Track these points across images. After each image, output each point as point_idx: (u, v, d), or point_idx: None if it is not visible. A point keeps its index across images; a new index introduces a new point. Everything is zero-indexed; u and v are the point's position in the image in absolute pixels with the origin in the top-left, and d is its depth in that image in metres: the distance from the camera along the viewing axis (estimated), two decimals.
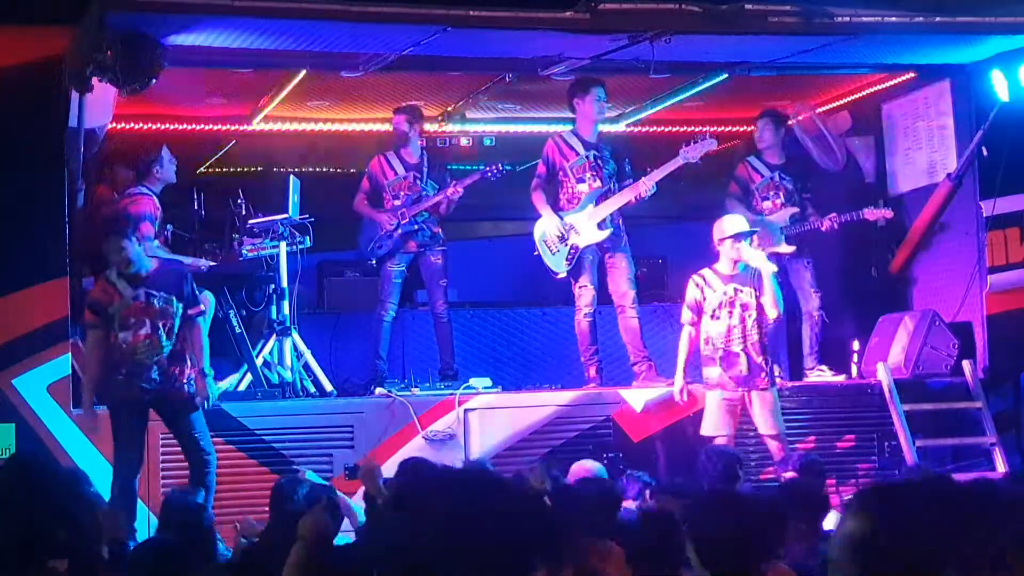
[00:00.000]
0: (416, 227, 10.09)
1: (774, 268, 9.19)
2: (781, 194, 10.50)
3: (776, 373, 9.66)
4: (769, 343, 9.37)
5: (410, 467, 6.69)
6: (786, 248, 10.25)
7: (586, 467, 7.69)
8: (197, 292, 8.37)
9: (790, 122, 10.91)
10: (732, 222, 9.20)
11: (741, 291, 9.05)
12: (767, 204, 10.48)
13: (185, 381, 8.09)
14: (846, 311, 10.99)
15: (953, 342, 10.15)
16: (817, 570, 4.73)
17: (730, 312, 9.05)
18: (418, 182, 10.18)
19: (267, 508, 6.85)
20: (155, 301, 8.05)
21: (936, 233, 10.78)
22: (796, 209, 10.40)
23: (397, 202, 10.11)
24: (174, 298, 8.08)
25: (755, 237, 9.31)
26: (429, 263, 10.19)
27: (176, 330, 8.07)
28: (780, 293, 9.15)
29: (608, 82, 10.06)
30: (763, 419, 9.00)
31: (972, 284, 10.34)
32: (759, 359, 8.99)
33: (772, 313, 9.06)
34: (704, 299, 9.12)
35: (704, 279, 9.17)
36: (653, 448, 9.33)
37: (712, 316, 9.08)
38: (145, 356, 8.00)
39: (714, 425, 8.99)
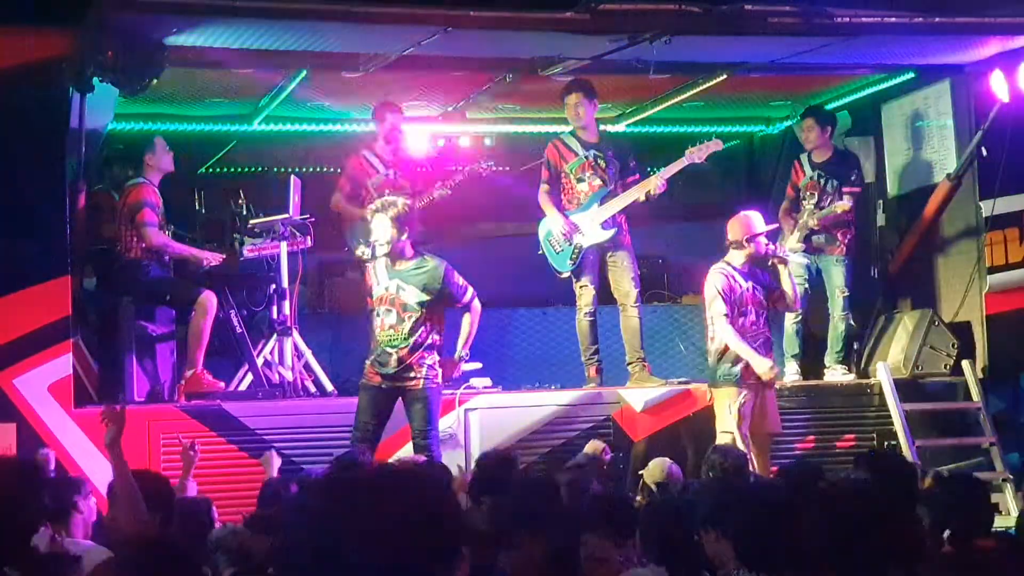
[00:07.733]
0: None
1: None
2: (817, 194, 10.30)
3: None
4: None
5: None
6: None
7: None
8: (463, 287, 8.49)
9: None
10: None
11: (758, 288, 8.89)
12: (805, 204, 10.33)
13: (423, 375, 8.26)
14: (846, 311, 10.97)
15: (953, 342, 10.16)
16: None
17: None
18: (399, 180, 10.16)
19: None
20: (403, 295, 8.25)
21: (936, 233, 10.78)
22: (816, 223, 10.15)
23: None
24: (424, 295, 8.25)
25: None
26: None
27: (419, 325, 8.23)
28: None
29: (608, 82, 10.06)
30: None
31: (972, 284, 10.35)
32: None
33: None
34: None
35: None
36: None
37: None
38: (387, 344, 8.25)
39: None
